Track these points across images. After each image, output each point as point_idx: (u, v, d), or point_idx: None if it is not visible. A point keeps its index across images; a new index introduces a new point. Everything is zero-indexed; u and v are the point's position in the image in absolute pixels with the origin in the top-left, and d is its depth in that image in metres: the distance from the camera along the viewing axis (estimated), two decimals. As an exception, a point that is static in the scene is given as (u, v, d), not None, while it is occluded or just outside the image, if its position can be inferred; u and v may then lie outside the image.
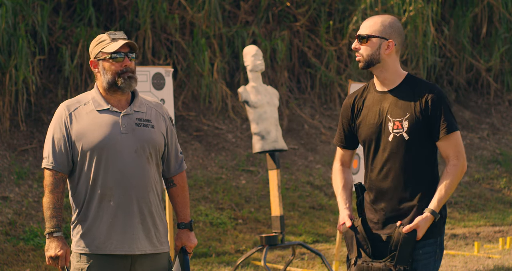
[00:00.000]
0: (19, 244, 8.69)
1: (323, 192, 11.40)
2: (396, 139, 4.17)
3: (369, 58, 4.23)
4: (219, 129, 12.03)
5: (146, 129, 4.30)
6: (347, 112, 4.37)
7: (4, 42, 10.24)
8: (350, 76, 13.25)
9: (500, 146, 13.86)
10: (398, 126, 4.17)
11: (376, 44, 4.22)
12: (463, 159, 4.17)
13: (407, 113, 4.16)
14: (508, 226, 10.80)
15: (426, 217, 4.11)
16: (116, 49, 4.23)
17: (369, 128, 4.25)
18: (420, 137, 4.16)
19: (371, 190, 4.28)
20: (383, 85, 4.28)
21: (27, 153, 10.25)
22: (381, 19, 4.25)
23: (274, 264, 8.80)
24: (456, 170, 4.14)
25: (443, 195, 4.12)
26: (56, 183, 4.25)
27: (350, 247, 4.24)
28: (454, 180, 4.14)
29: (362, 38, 4.22)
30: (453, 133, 4.15)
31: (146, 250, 4.29)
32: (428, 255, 4.19)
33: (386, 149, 4.20)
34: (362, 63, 4.26)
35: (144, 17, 11.63)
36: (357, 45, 4.25)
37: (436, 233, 4.20)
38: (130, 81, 4.26)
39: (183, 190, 4.47)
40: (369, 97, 4.30)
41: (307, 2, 13.37)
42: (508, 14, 14.67)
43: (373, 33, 4.22)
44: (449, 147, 4.16)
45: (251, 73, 7.99)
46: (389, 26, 4.23)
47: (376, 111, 4.24)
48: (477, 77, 14.91)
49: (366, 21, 4.28)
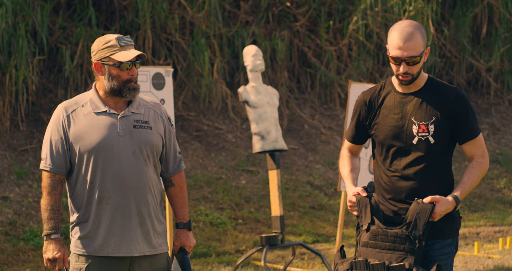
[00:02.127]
0: (19, 244, 8.69)
1: (323, 192, 11.40)
2: (421, 142, 4.16)
3: (417, 74, 4.17)
4: (219, 129, 12.03)
5: (143, 131, 4.29)
6: (361, 110, 4.32)
7: (4, 42, 10.24)
8: (350, 76, 13.25)
9: (500, 146, 13.86)
10: (424, 130, 4.17)
11: (423, 58, 4.16)
12: (488, 157, 4.26)
13: (433, 117, 4.15)
14: (508, 226, 10.80)
15: (448, 199, 4.11)
16: (128, 60, 4.23)
17: (390, 130, 4.22)
18: (444, 140, 4.18)
19: (387, 191, 4.25)
20: (406, 88, 4.23)
21: (27, 153, 10.25)
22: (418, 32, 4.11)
23: (274, 264, 8.80)
24: (481, 166, 4.21)
25: (467, 185, 4.16)
26: (54, 184, 4.26)
27: (363, 214, 4.18)
28: (479, 174, 4.20)
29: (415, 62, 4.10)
30: (478, 136, 4.22)
31: (145, 251, 4.29)
32: (447, 256, 4.20)
33: (409, 151, 4.19)
34: (407, 82, 4.17)
35: (144, 17, 11.63)
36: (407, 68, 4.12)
37: (454, 233, 4.22)
38: (134, 92, 4.28)
39: (182, 190, 4.47)
40: (389, 98, 4.26)
41: (307, 2, 13.37)
42: (508, 14, 14.67)
43: (421, 51, 4.11)
44: (475, 149, 4.23)
45: (251, 73, 7.99)
46: (424, 32, 4.16)
47: (398, 113, 4.21)
48: (477, 77, 14.90)
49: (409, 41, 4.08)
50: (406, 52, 4.08)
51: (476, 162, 4.21)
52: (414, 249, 4.05)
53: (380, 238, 4.12)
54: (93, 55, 4.30)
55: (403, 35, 4.09)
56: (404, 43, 4.09)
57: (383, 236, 4.11)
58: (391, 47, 4.14)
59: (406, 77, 4.14)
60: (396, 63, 4.13)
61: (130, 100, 4.35)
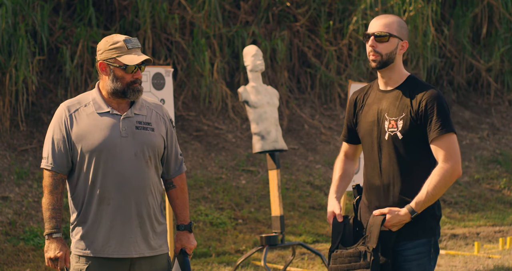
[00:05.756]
0: (19, 244, 8.69)
1: (323, 192, 11.40)
2: (391, 137, 4.20)
3: (387, 57, 4.21)
4: (219, 129, 12.03)
5: (146, 133, 4.30)
6: (350, 108, 4.42)
7: (4, 42, 10.24)
8: (350, 76, 13.25)
9: (500, 146, 13.85)
10: (393, 125, 4.20)
11: (395, 44, 4.22)
12: (455, 162, 4.08)
13: (403, 113, 4.18)
14: (508, 226, 10.80)
15: (400, 210, 4.12)
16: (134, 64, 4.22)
17: (368, 126, 4.29)
18: (414, 137, 4.18)
19: (366, 187, 4.31)
20: (386, 85, 4.30)
21: (27, 153, 10.25)
22: (395, 19, 4.23)
23: (274, 264, 8.80)
24: (443, 172, 4.07)
25: (424, 195, 4.07)
26: (56, 183, 4.25)
27: (335, 240, 4.27)
28: (440, 182, 4.06)
29: (383, 36, 4.18)
30: (446, 135, 4.10)
31: (145, 253, 4.29)
32: (422, 255, 4.20)
33: (381, 147, 4.23)
34: (377, 63, 4.21)
35: (144, 17, 11.63)
36: (374, 43, 4.20)
37: (429, 233, 4.21)
38: (138, 93, 4.28)
39: (183, 191, 4.48)
40: (371, 95, 4.34)
41: (307, 2, 13.37)
42: (508, 14, 14.67)
43: (393, 32, 4.20)
44: (439, 149, 4.10)
45: (251, 73, 7.99)
46: (405, 27, 4.26)
47: (375, 109, 4.28)
48: (477, 77, 14.90)
49: (381, 20, 4.23)
50: (375, 28, 4.20)
51: (437, 168, 4.09)
52: (369, 264, 4.09)
53: (339, 261, 4.18)
54: (98, 54, 4.29)
55: (379, 16, 4.26)
56: (376, 21, 4.23)
57: (341, 258, 4.18)
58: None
59: (375, 55, 4.19)
60: (365, 39, 4.23)
61: (132, 101, 4.36)
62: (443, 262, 8.63)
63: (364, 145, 4.33)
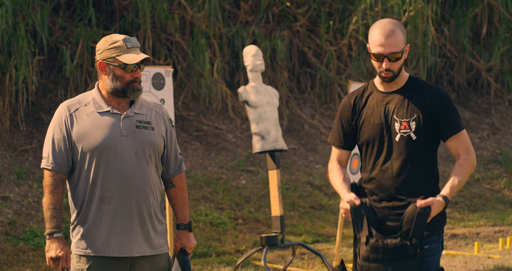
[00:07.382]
0: (19, 244, 8.69)
1: (323, 192, 11.40)
2: (403, 139, 4.22)
3: (398, 71, 4.23)
4: (219, 129, 12.03)
5: (146, 132, 4.30)
6: (347, 112, 4.38)
7: (4, 42, 10.24)
8: (350, 76, 13.25)
9: (500, 146, 13.85)
10: (406, 127, 4.22)
11: (404, 55, 4.23)
12: (473, 153, 4.27)
13: (414, 114, 4.21)
14: (508, 226, 10.80)
15: (439, 200, 4.16)
16: (133, 63, 4.23)
17: (374, 128, 4.27)
18: (426, 136, 4.23)
19: (374, 189, 4.29)
20: (388, 87, 4.30)
21: (27, 153, 10.25)
22: (398, 28, 4.19)
23: (274, 264, 8.80)
24: (467, 163, 4.23)
25: (456, 184, 4.19)
26: (56, 183, 4.25)
27: (360, 226, 4.24)
28: (466, 171, 4.22)
29: (397, 58, 4.17)
30: (461, 132, 4.25)
31: (145, 252, 4.30)
32: (434, 252, 4.24)
33: (392, 149, 4.24)
34: (390, 78, 4.23)
35: (144, 17, 11.63)
36: (389, 64, 4.18)
37: (439, 230, 4.26)
38: (137, 93, 4.29)
39: (182, 191, 4.48)
40: (372, 98, 4.32)
41: (307, 2, 13.36)
42: (508, 14, 14.67)
43: (403, 45, 4.19)
44: (459, 145, 4.25)
45: (251, 73, 7.99)
46: (404, 31, 4.24)
47: (381, 111, 4.27)
48: (477, 77, 14.90)
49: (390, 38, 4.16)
50: (388, 48, 4.15)
51: (462, 160, 4.24)
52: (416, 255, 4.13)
53: (382, 251, 4.17)
54: (98, 53, 4.29)
55: (385, 32, 4.17)
56: (386, 39, 4.15)
57: (384, 248, 4.17)
58: (373, 44, 4.20)
59: (388, 74, 4.20)
60: (379, 60, 4.19)
61: (132, 100, 4.36)
62: (443, 262, 8.63)
63: (370, 148, 4.30)
